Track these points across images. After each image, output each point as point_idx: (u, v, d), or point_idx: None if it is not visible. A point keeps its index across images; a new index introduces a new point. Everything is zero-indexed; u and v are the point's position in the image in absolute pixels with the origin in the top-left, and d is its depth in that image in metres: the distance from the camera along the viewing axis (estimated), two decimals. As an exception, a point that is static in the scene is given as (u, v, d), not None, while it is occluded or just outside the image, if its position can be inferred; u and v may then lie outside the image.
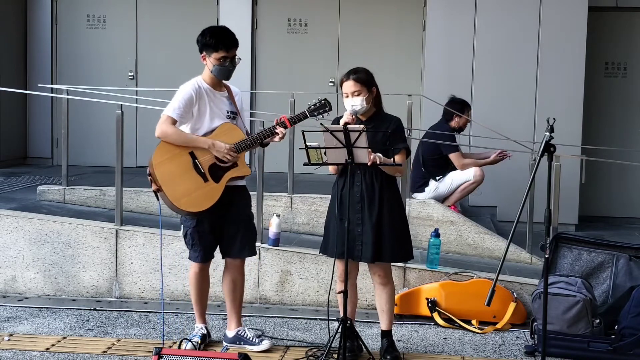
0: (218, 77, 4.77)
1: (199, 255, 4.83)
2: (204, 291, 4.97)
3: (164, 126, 4.61)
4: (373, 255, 4.63)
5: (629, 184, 9.45)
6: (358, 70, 4.71)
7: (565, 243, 5.61)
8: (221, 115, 4.77)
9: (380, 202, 4.64)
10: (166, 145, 4.62)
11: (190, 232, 4.78)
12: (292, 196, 7.05)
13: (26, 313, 5.74)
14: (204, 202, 4.63)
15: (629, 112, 9.47)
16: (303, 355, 4.86)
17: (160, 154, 4.61)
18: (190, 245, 4.83)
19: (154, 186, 4.61)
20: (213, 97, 4.77)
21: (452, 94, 7.80)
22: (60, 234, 6.19)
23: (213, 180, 4.65)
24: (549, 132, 4.07)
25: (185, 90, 4.71)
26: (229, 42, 4.72)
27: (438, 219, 6.86)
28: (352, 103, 4.64)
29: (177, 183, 4.59)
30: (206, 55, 4.75)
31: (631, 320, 4.92)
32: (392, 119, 4.75)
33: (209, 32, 4.75)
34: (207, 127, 4.72)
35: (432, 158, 7.52)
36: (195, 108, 4.69)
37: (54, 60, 10.18)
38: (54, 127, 10.12)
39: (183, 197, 4.59)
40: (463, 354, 5.05)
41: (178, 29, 10.02)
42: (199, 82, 4.77)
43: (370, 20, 9.73)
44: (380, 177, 4.65)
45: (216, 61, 4.71)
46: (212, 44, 4.70)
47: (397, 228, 4.70)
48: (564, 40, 8.54)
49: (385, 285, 4.77)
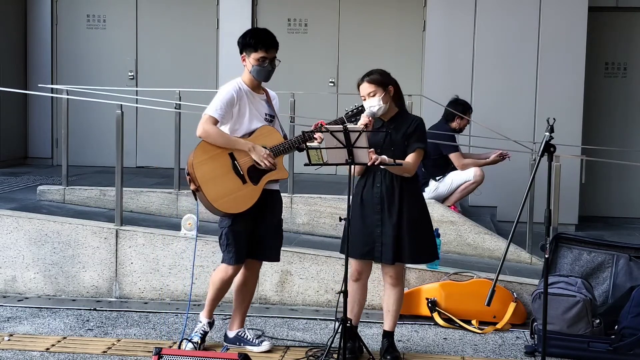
0: (257, 78, 4.76)
1: (232, 256, 4.73)
2: (224, 294, 4.91)
3: (206, 125, 4.61)
4: (393, 256, 4.63)
5: (629, 184, 9.45)
6: (372, 72, 4.73)
7: (565, 243, 5.61)
8: (260, 117, 4.77)
9: (400, 204, 4.64)
10: (207, 145, 4.61)
11: (226, 232, 4.73)
12: (292, 196, 7.05)
13: (26, 313, 5.74)
14: (242, 204, 4.63)
15: (629, 112, 9.47)
16: (303, 356, 4.86)
17: (200, 154, 4.60)
18: (225, 246, 4.75)
19: (193, 186, 4.60)
20: (252, 99, 4.77)
21: (455, 94, 7.80)
22: (60, 234, 6.19)
23: (251, 182, 4.65)
24: (549, 132, 4.07)
25: (226, 91, 4.71)
26: (269, 43, 4.72)
27: (438, 219, 6.85)
28: (369, 104, 4.66)
29: (216, 183, 4.58)
30: (246, 55, 4.74)
31: (631, 320, 4.92)
32: (414, 119, 4.77)
33: (250, 33, 4.77)
34: (245, 129, 4.72)
35: (432, 158, 7.50)
36: (235, 109, 4.69)
37: (54, 60, 10.19)
38: (54, 127, 10.12)
39: (221, 198, 4.59)
40: (463, 354, 5.05)
41: (178, 29, 10.03)
42: (239, 83, 4.77)
43: (370, 20, 9.74)
44: (401, 179, 4.65)
45: (255, 62, 4.70)
46: (252, 44, 4.70)
47: (418, 229, 4.69)
48: (564, 40, 8.54)
49: (395, 286, 4.77)
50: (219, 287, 4.85)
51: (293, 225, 7.00)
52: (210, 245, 5.99)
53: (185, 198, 7.10)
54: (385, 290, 4.83)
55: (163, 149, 9.17)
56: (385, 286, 4.82)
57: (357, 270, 4.74)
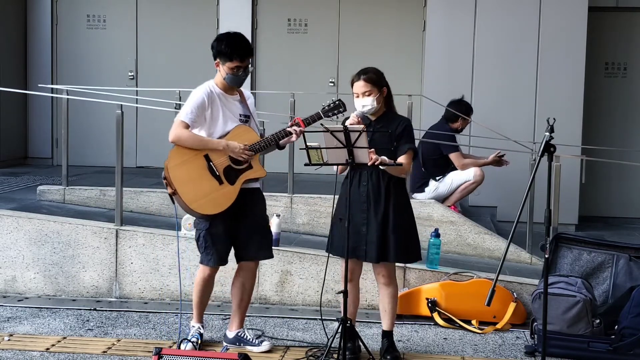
0: (230, 85, 4.77)
1: (211, 258, 4.78)
2: (208, 295, 4.97)
3: (177, 130, 4.62)
4: (378, 255, 4.63)
5: (629, 184, 9.45)
6: (368, 71, 4.72)
7: (565, 243, 5.60)
8: (234, 118, 4.77)
9: (386, 202, 4.64)
10: (181, 149, 4.63)
11: (204, 234, 4.76)
12: (292, 196, 7.05)
13: (26, 313, 5.74)
14: (219, 205, 4.63)
15: (629, 112, 9.47)
16: (303, 356, 4.86)
17: (175, 157, 4.62)
18: (203, 248, 4.80)
19: (170, 189, 4.61)
20: (225, 101, 4.77)
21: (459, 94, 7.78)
22: (60, 234, 6.18)
23: (228, 183, 4.66)
24: (549, 132, 4.07)
25: (197, 95, 4.70)
26: (244, 52, 4.71)
27: (438, 219, 6.86)
28: (362, 103, 4.65)
29: (193, 186, 4.59)
30: (220, 62, 4.73)
31: (631, 320, 4.92)
32: (401, 120, 4.76)
33: (225, 41, 4.71)
34: (221, 131, 4.72)
35: (432, 158, 7.52)
36: (207, 112, 4.69)
37: (54, 60, 10.19)
38: (54, 127, 10.13)
39: (198, 200, 4.60)
40: (463, 354, 5.05)
41: (178, 29, 10.03)
42: (211, 86, 4.76)
43: (370, 20, 9.74)
44: (387, 178, 4.65)
45: (230, 70, 4.70)
46: (227, 53, 4.68)
47: (404, 229, 4.70)
48: (564, 40, 8.54)
49: (388, 285, 4.77)
50: (201, 288, 4.88)
51: (293, 225, 7.00)
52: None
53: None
54: (380, 290, 4.83)
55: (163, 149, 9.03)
56: (379, 287, 4.82)
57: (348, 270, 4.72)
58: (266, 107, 9.34)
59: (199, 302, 4.94)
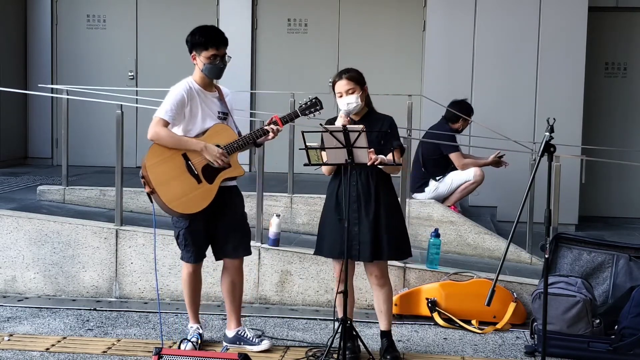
0: (209, 76, 4.76)
1: (192, 255, 4.83)
2: (197, 291, 4.98)
3: (156, 128, 4.61)
4: (371, 254, 4.63)
5: (629, 184, 9.45)
6: (349, 70, 4.75)
7: (565, 243, 5.60)
8: (212, 116, 4.76)
9: (376, 201, 4.65)
10: (159, 148, 4.62)
11: (183, 232, 4.78)
12: (292, 196, 7.05)
13: (26, 313, 5.74)
14: (198, 204, 4.63)
15: (629, 112, 9.47)
16: (303, 356, 4.86)
17: (153, 156, 4.60)
18: (183, 246, 4.83)
19: (147, 188, 4.61)
20: (204, 97, 4.76)
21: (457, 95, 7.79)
22: (60, 234, 6.18)
23: (207, 182, 4.65)
24: (549, 132, 4.07)
25: (176, 92, 4.69)
26: (219, 40, 4.72)
27: (438, 219, 6.86)
28: (347, 101, 4.65)
29: (171, 185, 4.58)
30: (196, 54, 4.74)
31: (631, 320, 4.92)
32: (385, 118, 4.77)
33: (199, 31, 4.75)
34: (199, 128, 4.71)
35: (432, 158, 7.51)
36: (187, 109, 4.68)
37: (54, 60, 10.19)
38: (54, 127, 10.13)
39: (177, 199, 4.59)
40: (463, 354, 5.05)
41: (178, 29, 9.95)
42: (189, 82, 4.76)
43: (370, 20, 9.73)
44: (376, 176, 4.66)
45: (206, 60, 4.70)
46: (202, 42, 4.70)
47: (395, 226, 4.71)
48: (564, 40, 8.54)
49: (382, 286, 4.77)
50: (187, 286, 4.91)
51: (293, 225, 7.00)
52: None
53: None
54: (374, 291, 4.84)
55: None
56: (373, 288, 4.83)
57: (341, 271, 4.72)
58: (266, 107, 9.36)
59: (190, 301, 4.95)
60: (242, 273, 4.98)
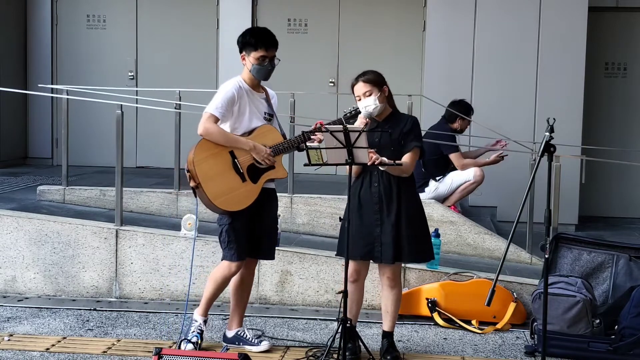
0: (256, 77, 4.78)
1: (235, 253, 4.75)
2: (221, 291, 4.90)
3: (207, 124, 4.62)
4: (393, 255, 4.63)
5: (629, 184, 9.44)
6: (366, 72, 4.76)
7: (565, 243, 5.61)
8: (259, 116, 4.80)
9: (398, 203, 4.64)
10: (207, 143, 4.63)
11: (226, 229, 4.74)
12: (292, 196, 7.05)
13: (26, 313, 5.74)
14: (241, 202, 4.65)
15: (629, 112, 9.47)
16: (303, 356, 4.86)
17: (201, 152, 4.61)
18: (226, 243, 4.76)
19: (193, 183, 4.61)
20: (252, 97, 4.79)
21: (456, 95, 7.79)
22: (60, 234, 6.18)
23: (251, 181, 4.68)
24: (549, 132, 4.07)
25: (227, 89, 4.72)
26: (269, 42, 4.74)
27: (438, 219, 6.85)
28: (365, 104, 4.66)
29: (217, 181, 4.60)
30: (245, 54, 4.76)
31: (631, 320, 4.92)
32: (408, 118, 4.79)
33: (250, 32, 4.80)
34: (245, 127, 4.74)
35: (432, 158, 7.50)
36: (236, 107, 4.71)
37: (54, 60, 10.18)
38: (54, 127, 10.12)
39: (221, 196, 4.61)
40: (463, 354, 5.05)
41: (178, 29, 10.03)
42: (239, 81, 4.79)
43: (370, 20, 9.73)
44: (397, 178, 4.66)
45: (255, 60, 4.72)
46: (252, 42, 4.72)
47: (416, 228, 4.71)
48: (564, 40, 8.53)
49: (393, 287, 4.78)
50: (219, 285, 4.85)
51: (293, 225, 7.00)
52: (210, 245, 5.99)
53: (185, 198, 7.10)
54: (384, 291, 4.83)
55: (163, 149, 9.17)
56: (384, 288, 4.82)
57: (355, 271, 4.73)
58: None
59: (212, 297, 4.89)
60: (254, 274, 5.01)
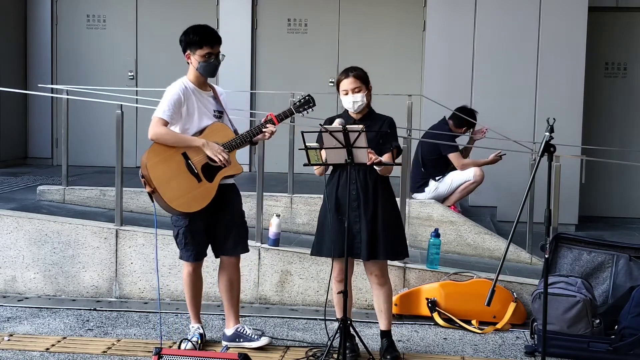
0: (203, 74, 4.78)
1: (191, 254, 4.83)
2: (198, 290, 4.99)
3: (156, 128, 4.64)
4: (368, 252, 4.64)
5: (629, 184, 9.45)
6: (356, 68, 4.76)
7: (565, 243, 5.61)
8: (209, 114, 4.80)
9: (374, 200, 4.66)
10: (159, 147, 4.64)
11: (183, 231, 4.79)
12: (292, 196, 7.05)
13: (26, 313, 5.74)
14: (199, 202, 4.65)
15: (629, 112, 9.47)
16: (303, 355, 4.86)
17: (153, 156, 4.63)
18: (183, 244, 4.83)
19: (148, 188, 4.62)
20: (200, 96, 4.79)
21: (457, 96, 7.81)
22: (60, 234, 6.19)
23: (207, 180, 4.67)
24: (549, 132, 4.07)
25: (172, 91, 4.72)
26: (213, 39, 4.76)
27: (438, 219, 6.86)
28: (352, 99, 4.66)
29: (172, 184, 4.60)
30: (190, 53, 4.77)
31: (631, 320, 4.92)
32: (385, 119, 4.78)
33: (192, 30, 4.78)
34: (196, 127, 4.75)
35: (432, 158, 7.51)
36: (183, 108, 4.71)
37: (54, 60, 10.19)
38: (54, 127, 10.13)
39: (178, 198, 4.61)
40: (463, 354, 5.05)
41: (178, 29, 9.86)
42: (185, 82, 4.79)
43: (370, 20, 9.74)
44: (374, 176, 4.67)
45: (201, 58, 4.73)
46: (197, 40, 4.73)
47: (392, 226, 4.72)
48: (564, 40, 8.53)
49: (382, 285, 4.78)
50: (188, 285, 4.92)
51: (293, 225, 7.00)
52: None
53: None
54: (374, 291, 4.84)
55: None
56: (373, 287, 4.83)
57: (342, 270, 4.71)
58: (266, 106, 9.35)
59: (191, 301, 4.96)
60: (239, 271, 5.00)
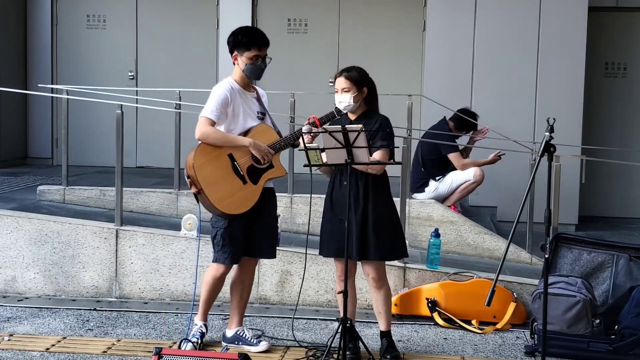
0: (250, 77, 4.78)
1: (228, 257, 4.78)
2: (217, 293, 4.96)
3: (203, 128, 4.62)
4: (358, 253, 4.64)
5: (629, 184, 9.44)
6: (352, 69, 4.72)
7: (565, 243, 5.61)
8: (253, 115, 4.80)
9: (365, 201, 4.64)
10: (206, 147, 4.63)
11: (222, 233, 4.75)
12: (292, 196, 7.05)
13: (26, 313, 5.74)
14: (244, 204, 4.67)
15: (629, 112, 9.47)
16: (303, 356, 4.86)
17: (200, 157, 4.61)
18: (220, 246, 4.78)
19: (194, 189, 4.60)
20: (245, 97, 4.79)
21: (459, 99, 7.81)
22: (60, 234, 6.18)
23: (251, 182, 4.68)
24: (549, 132, 4.07)
25: (219, 91, 4.71)
26: (261, 41, 4.74)
27: (438, 219, 6.86)
28: (339, 99, 4.66)
29: (218, 185, 4.60)
30: (237, 54, 4.75)
31: (631, 320, 4.92)
32: (378, 117, 4.71)
33: (241, 32, 4.77)
34: (241, 127, 4.75)
35: (432, 158, 7.51)
36: (229, 109, 4.71)
37: (54, 60, 10.19)
38: (54, 127, 10.13)
39: (224, 200, 4.61)
40: (463, 354, 5.05)
41: (178, 29, 10.03)
42: (230, 82, 4.78)
43: (370, 20, 9.74)
44: (365, 176, 4.65)
45: (248, 60, 4.72)
46: (245, 42, 4.71)
47: (385, 225, 4.68)
48: (564, 40, 8.53)
49: (379, 288, 4.77)
50: (211, 287, 4.88)
51: (293, 225, 7.00)
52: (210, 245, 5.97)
53: (185, 198, 7.10)
54: (372, 293, 4.84)
55: (163, 149, 9.17)
56: (371, 289, 4.83)
57: (343, 270, 4.71)
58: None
59: (208, 300, 4.93)
60: (254, 273, 5.02)
